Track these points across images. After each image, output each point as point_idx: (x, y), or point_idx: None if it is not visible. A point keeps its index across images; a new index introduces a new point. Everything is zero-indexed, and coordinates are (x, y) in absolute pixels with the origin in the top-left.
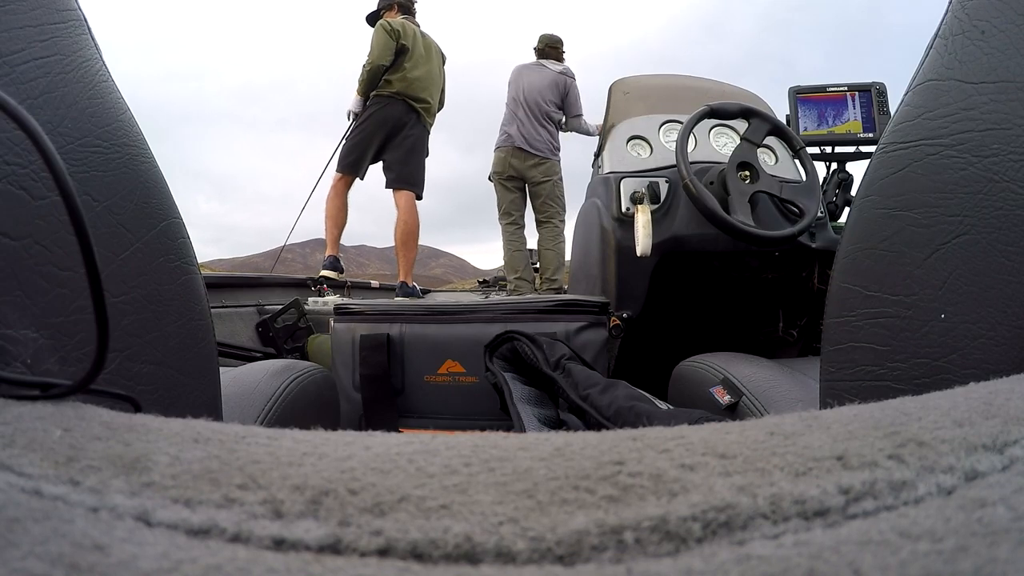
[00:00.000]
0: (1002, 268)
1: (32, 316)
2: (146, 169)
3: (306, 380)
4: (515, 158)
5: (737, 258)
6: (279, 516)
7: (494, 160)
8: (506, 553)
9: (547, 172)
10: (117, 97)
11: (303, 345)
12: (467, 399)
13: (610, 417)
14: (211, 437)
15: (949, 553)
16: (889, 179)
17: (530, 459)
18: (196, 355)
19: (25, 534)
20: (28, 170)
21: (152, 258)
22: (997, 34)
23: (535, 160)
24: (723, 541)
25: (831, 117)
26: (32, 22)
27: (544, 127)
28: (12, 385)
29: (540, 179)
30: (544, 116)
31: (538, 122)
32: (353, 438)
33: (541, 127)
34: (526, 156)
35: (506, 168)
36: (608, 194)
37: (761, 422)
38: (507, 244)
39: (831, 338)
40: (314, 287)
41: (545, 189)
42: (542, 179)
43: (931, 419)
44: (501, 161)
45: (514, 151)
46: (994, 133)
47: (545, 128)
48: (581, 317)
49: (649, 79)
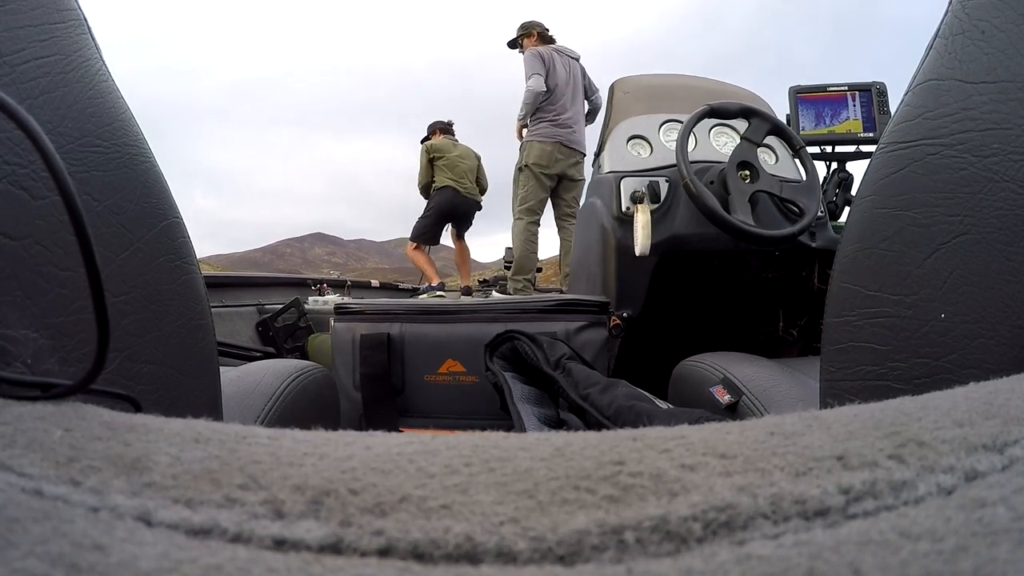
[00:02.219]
0: (1002, 268)
1: (32, 316)
2: (146, 169)
3: (306, 380)
4: (561, 154)
5: (737, 258)
6: (280, 516)
7: (535, 152)
8: (507, 553)
9: (582, 171)
10: (117, 97)
11: (303, 344)
12: (467, 399)
13: (610, 417)
14: (211, 437)
15: (949, 553)
16: (889, 179)
17: (530, 459)
18: (196, 355)
19: (25, 534)
20: (28, 170)
21: (152, 258)
22: (997, 34)
23: (578, 158)
24: (723, 541)
25: (831, 117)
26: (32, 22)
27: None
28: (12, 385)
29: (578, 177)
30: (583, 111)
31: (581, 117)
32: (354, 438)
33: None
34: (571, 153)
35: (551, 163)
36: (608, 193)
37: (761, 422)
38: (524, 244)
39: (831, 338)
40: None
41: (579, 187)
42: (579, 177)
43: (931, 419)
44: (547, 155)
45: (561, 148)
46: (994, 133)
47: (583, 124)
48: (581, 317)
49: (649, 79)
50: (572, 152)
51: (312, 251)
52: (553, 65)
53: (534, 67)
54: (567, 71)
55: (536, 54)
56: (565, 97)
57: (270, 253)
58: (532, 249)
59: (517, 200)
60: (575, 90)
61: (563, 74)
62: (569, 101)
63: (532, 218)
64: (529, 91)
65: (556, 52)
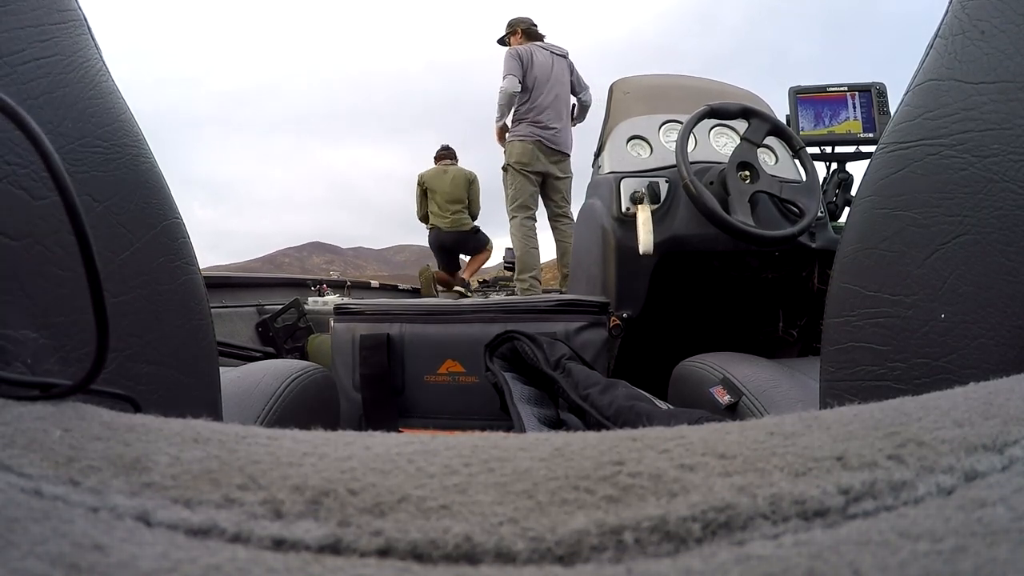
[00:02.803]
0: (1002, 268)
1: (32, 316)
2: (146, 169)
3: (306, 380)
4: (542, 153)
5: (737, 258)
6: (279, 516)
7: (516, 150)
8: (506, 553)
9: (566, 169)
10: (117, 97)
11: (303, 345)
12: (467, 399)
13: (610, 417)
14: (211, 437)
15: (949, 553)
16: (889, 179)
17: (530, 459)
18: (196, 355)
19: (25, 534)
20: (28, 170)
21: (152, 258)
22: (997, 34)
23: (559, 157)
24: (723, 541)
25: (831, 117)
26: (32, 22)
27: (567, 121)
28: (12, 385)
29: (561, 175)
30: (567, 109)
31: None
32: (353, 438)
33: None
34: (552, 152)
35: (532, 161)
36: (608, 194)
37: (761, 422)
38: (523, 240)
39: (831, 338)
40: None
41: (566, 184)
42: (563, 175)
43: (931, 419)
44: (528, 153)
45: (542, 146)
46: (994, 133)
47: (568, 122)
48: (581, 317)
49: (649, 79)
50: (553, 152)
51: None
52: (532, 64)
53: (509, 67)
54: (549, 69)
55: (514, 54)
56: (544, 96)
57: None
58: (532, 244)
59: (508, 200)
60: (557, 88)
61: (543, 72)
62: (549, 100)
63: (526, 213)
64: (502, 92)
65: (539, 49)
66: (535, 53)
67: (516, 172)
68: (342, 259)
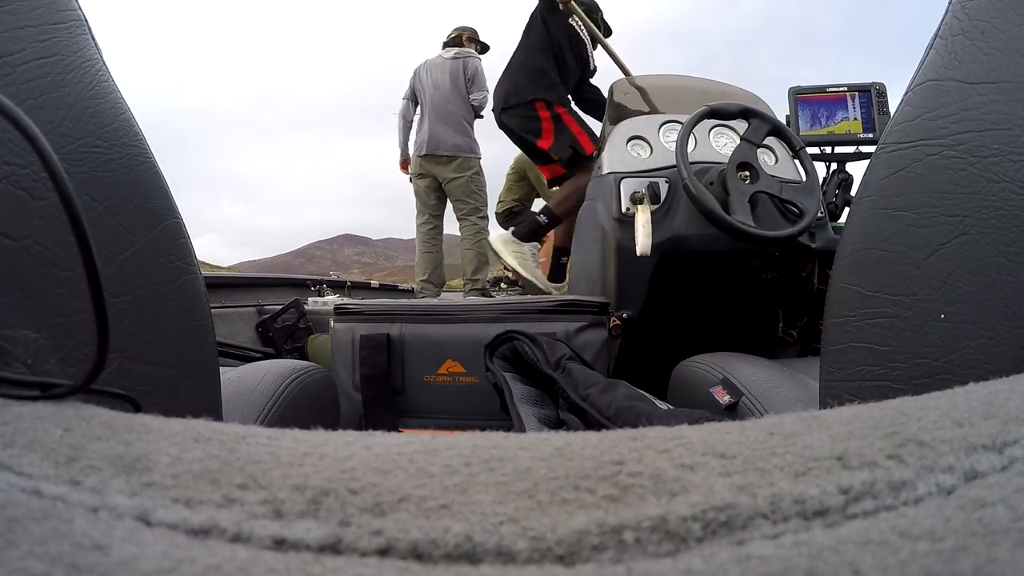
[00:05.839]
0: (1002, 268)
1: (32, 316)
2: (146, 169)
3: (306, 380)
4: (426, 162)
5: (737, 258)
6: (279, 516)
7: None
8: (506, 553)
9: (459, 168)
10: (117, 97)
11: (303, 345)
12: (467, 399)
13: (610, 417)
14: (211, 437)
15: (949, 553)
16: (889, 179)
17: (530, 459)
18: (196, 355)
19: (25, 534)
20: (28, 171)
21: (152, 258)
22: (997, 34)
23: (442, 160)
24: (723, 541)
25: (830, 117)
26: (32, 22)
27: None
28: (12, 385)
29: (451, 176)
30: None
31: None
32: (353, 438)
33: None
34: (436, 159)
35: (417, 169)
36: (608, 194)
37: (761, 422)
38: (418, 244)
39: (831, 338)
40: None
41: (461, 183)
42: (453, 176)
43: (931, 419)
44: (415, 164)
45: (424, 157)
46: (994, 133)
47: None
48: (581, 317)
49: (650, 79)
50: (436, 158)
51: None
52: (419, 80)
53: (406, 92)
54: (432, 78)
55: (411, 78)
56: (426, 106)
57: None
58: (425, 248)
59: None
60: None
61: (428, 84)
62: (429, 109)
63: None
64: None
65: (431, 61)
66: (425, 66)
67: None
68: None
